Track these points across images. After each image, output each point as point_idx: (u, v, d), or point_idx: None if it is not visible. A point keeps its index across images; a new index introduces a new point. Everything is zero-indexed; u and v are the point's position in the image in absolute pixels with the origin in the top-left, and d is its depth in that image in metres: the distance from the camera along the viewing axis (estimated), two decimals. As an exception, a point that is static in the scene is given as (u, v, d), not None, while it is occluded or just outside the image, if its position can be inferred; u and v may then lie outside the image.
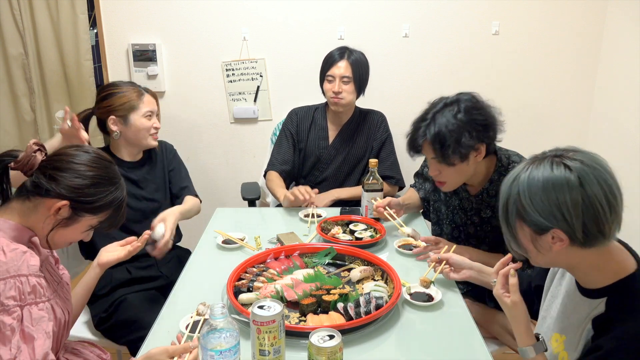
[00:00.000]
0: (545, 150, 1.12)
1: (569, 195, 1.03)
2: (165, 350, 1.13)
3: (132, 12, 2.88)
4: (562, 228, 1.04)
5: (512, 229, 1.13)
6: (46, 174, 1.20)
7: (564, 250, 1.08)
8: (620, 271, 1.10)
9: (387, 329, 1.36)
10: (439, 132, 1.61)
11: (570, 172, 1.03)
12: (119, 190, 1.28)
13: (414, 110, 2.98)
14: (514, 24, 2.86)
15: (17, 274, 1.08)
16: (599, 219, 1.03)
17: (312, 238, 1.92)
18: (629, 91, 2.62)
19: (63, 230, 1.23)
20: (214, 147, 3.10)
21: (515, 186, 1.09)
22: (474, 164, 1.68)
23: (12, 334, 1.04)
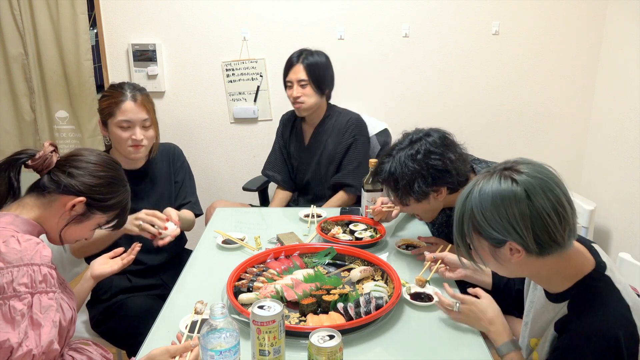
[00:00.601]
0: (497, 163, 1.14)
1: (516, 208, 1.04)
2: (167, 350, 1.13)
3: (132, 12, 2.88)
4: (516, 240, 1.07)
5: (467, 243, 1.15)
6: (65, 171, 1.27)
7: (523, 261, 1.10)
8: (578, 273, 1.12)
9: (387, 329, 1.36)
10: (393, 174, 1.59)
11: (517, 185, 1.05)
12: (127, 192, 1.38)
13: (413, 110, 3.02)
14: (514, 24, 2.86)
15: (30, 263, 1.13)
16: (549, 229, 1.05)
17: (312, 238, 1.92)
18: (629, 91, 2.62)
19: (75, 226, 1.30)
20: (214, 147, 3.10)
21: (469, 202, 1.11)
22: (438, 201, 1.63)
23: (22, 319, 1.09)
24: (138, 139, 1.80)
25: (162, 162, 1.99)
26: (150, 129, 1.84)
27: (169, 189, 1.99)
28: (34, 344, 1.09)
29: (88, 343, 1.42)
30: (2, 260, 1.11)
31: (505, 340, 1.24)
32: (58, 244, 1.32)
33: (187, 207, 2.03)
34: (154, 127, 1.86)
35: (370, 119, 2.86)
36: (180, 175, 2.04)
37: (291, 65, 2.37)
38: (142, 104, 1.81)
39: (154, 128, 1.86)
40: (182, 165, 2.05)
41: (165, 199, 1.97)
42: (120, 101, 1.78)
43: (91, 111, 3.02)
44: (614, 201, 2.70)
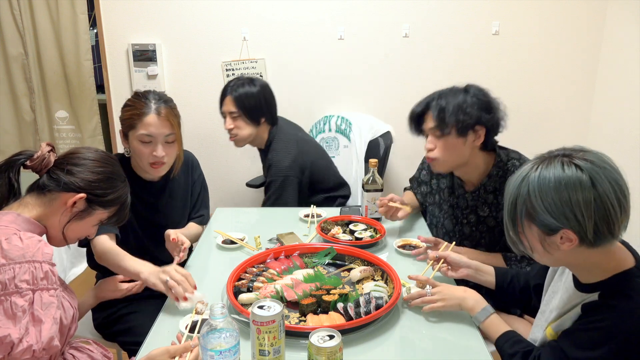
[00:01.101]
0: (552, 149, 1.12)
1: (581, 195, 1.03)
2: (167, 350, 1.13)
3: (132, 12, 2.88)
4: (573, 228, 1.05)
5: (519, 229, 1.13)
6: (63, 169, 1.28)
7: (572, 250, 1.09)
8: (617, 267, 1.12)
9: (387, 329, 1.36)
10: (442, 102, 1.66)
11: (582, 172, 1.04)
12: (126, 187, 1.38)
13: (414, 110, 3.01)
14: (514, 24, 2.86)
15: (32, 260, 1.14)
16: (610, 219, 1.04)
17: (312, 238, 1.92)
18: (629, 91, 2.62)
19: (77, 223, 1.30)
20: (214, 147, 3.10)
21: (525, 185, 1.09)
22: (470, 147, 1.67)
23: (23, 315, 1.10)
24: (159, 156, 1.67)
25: (179, 173, 1.87)
26: (174, 145, 1.71)
27: (184, 202, 1.93)
28: (34, 340, 1.10)
29: (89, 342, 1.42)
30: (4, 256, 1.12)
31: (481, 306, 1.30)
32: (61, 244, 1.33)
33: (198, 220, 1.98)
34: (177, 143, 1.72)
35: (375, 120, 2.87)
36: (197, 188, 1.97)
37: (224, 96, 2.27)
38: (167, 117, 1.67)
39: (178, 144, 1.73)
40: (199, 177, 1.99)
41: (181, 212, 1.92)
42: (143, 113, 1.65)
43: (91, 111, 3.03)
44: (614, 201, 2.70)
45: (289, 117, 3.02)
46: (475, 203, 1.78)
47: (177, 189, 1.90)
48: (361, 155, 2.75)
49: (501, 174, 1.71)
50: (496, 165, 1.73)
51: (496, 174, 1.72)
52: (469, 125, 1.63)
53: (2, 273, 1.11)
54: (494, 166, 1.73)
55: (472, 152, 1.69)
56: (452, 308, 1.39)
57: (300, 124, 3.00)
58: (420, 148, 2.98)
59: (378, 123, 2.85)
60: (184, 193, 1.93)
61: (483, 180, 1.75)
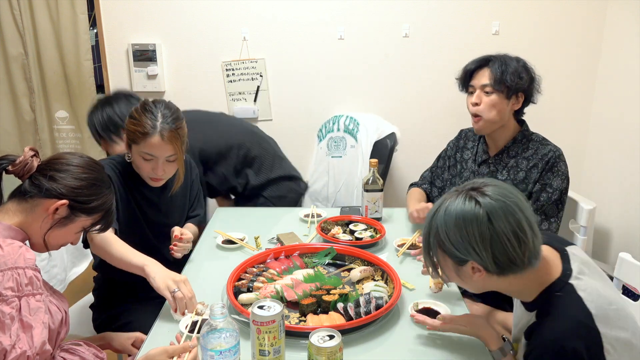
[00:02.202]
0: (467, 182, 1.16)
1: (477, 230, 1.06)
2: (165, 350, 1.13)
3: (132, 12, 2.88)
4: (476, 261, 1.09)
5: (433, 259, 1.17)
6: (46, 175, 1.25)
7: (485, 279, 1.12)
8: (544, 282, 1.13)
9: (387, 329, 1.36)
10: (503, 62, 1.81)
11: (479, 207, 1.07)
12: (111, 194, 1.36)
13: (413, 110, 3.02)
14: (514, 24, 2.86)
15: (15, 267, 1.13)
16: (508, 252, 1.07)
17: (312, 238, 1.92)
18: (629, 91, 2.62)
19: (59, 230, 1.27)
20: (214, 147, 3.09)
21: (435, 220, 1.13)
22: (510, 111, 1.84)
23: (12, 322, 1.09)
24: (158, 174, 1.69)
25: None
26: (174, 163, 1.71)
27: (183, 202, 1.96)
28: (27, 346, 1.09)
29: (79, 343, 1.41)
30: None
31: (495, 347, 1.24)
32: (42, 250, 1.31)
33: (195, 221, 1.99)
34: (179, 161, 1.72)
35: (382, 121, 2.87)
36: (195, 188, 2.00)
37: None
38: (170, 140, 1.64)
39: (179, 161, 1.72)
40: (197, 178, 2.02)
41: (180, 211, 1.94)
42: (147, 134, 1.63)
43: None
44: (614, 201, 2.70)
45: (288, 116, 3.04)
46: (496, 168, 1.90)
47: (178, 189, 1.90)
48: (367, 155, 2.75)
49: (525, 141, 1.87)
50: (522, 132, 1.88)
51: (520, 140, 1.88)
52: (519, 89, 1.80)
53: None
54: (520, 132, 1.88)
55: (509, 114, 1.84)
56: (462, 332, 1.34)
57: (303, 124, 3.02)
58: (423, 148, 2.99)
59: (384, 124, 2.84)
60: (183, 193, 1.94)
61: (508, 143, 1.88)
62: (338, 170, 2.84)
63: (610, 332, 1.05)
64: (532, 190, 1.81)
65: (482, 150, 1.96)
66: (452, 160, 2.07)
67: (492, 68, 1.81)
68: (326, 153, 2.89)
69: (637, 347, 1.09)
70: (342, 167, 2.83)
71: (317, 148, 2.96)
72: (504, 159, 1.89)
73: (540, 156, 1.82)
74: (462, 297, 1.55)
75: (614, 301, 1.11)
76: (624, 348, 1.06)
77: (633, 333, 1.09)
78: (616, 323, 1.07)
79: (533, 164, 1.82)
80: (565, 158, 1.83)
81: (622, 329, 1.07)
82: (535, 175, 1.81)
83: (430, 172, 2.17)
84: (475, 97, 1.85)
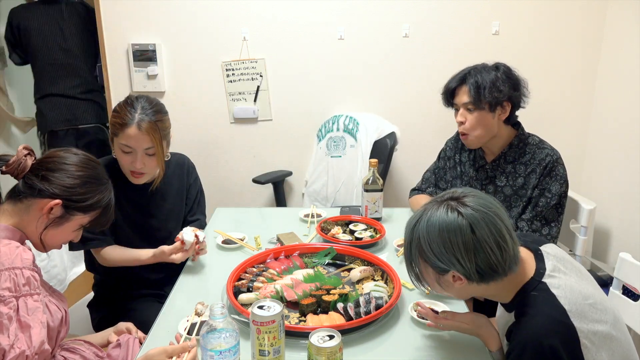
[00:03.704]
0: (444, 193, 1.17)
1: (461, 240, 1.08)
2: (164, 350, 1.13)
3: (132, 12, 2.88)
4: (459, 270, 1.10)
5: (415, 269, 1.19)
6: (38, 175, 1.24)
7: (466, 287, 1.14)
8: (519, 283, 1.16)
9: (387, 329, 1.36)
10: (478, 79, 1.79)
11: (462, 218, 1.09)
12: (107, 190, 1.34)
13: (413, 110, 3.01)
14: (514, 24, 2.86)
15: (12, 267, 1.13)
16: (491, 261, 1.09)
17: (312, 238, 1.92)
18: (629, 91, 2.62)
19: (55, 229, 1.27)
20: (214, 147, 3.10)
21: (417, 230, 1.14)
22: (498, 121, 1.81)
23: (10, 322, 1.09)
24: (137, 168, 1.67)
25: (173, 176, 1.87)
26: (154, 157, 1.68)
27: (179, 205, 1.90)
28: (25, 346, 1.09)
29: (80, 342, 1.41)
30: None
31: (495, 349, 1.25)
32: (42, 250, 1.30)
33: (196, 225, 1.88)
34: (158, 156, 1.69)
35: (382, 120, 2.87)
36: (193, 192, 1.94)
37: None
38: (147, 131, 1.63)
39: (159, 156, 1.69)
40: (195, 181, 1.96)
41: (175, 216, 1.89)
42: (125, 124, 1.62)
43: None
44: (614, 201, 2.70)
45: (288, 116, 3.04)
46: (494, 173, 1.89)
47: (170, 191, 1.87)
48: (366, 155, 2.75)
49: (521, 145, 1.86)
50: (517, 137, 1.86)
51: (517, 145, 1.86)
52: (500, 101, 1.78)
53: None
54: (515, 137, 1.86)
55: (498, 124, 1.82)
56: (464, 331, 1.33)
57: (303, 124, 3.03)
58: (423, 148, 2.99)
59: (384, 123, 2.84)
60: (177, 196, 1.89)
61: (504, 150, 1.87)
62: (337, 170, 2.84)
63: (586, 326, 1.07)
64: (532, 196, 1.80)
65: (479, 156, 1.94)
66: (452, 161, 2.06)
67: (469, 86, 1.79)
68: (326, 153, 2.89)
69: (617, 339, 1.11)
70: (341, 167, 2.83)
71: (317, 148, 2.97)
72: (502, 165, 1.87)
73: (538, 161, 1.80)
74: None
75: (590, 295, 1.12)
76: (602, 341, 1.08)
77: (612, 325, 1.11)
78: (592, 317, 1.09)
79: (531, 169, 1.81)
80: (563, 161, 1.82)
81: (599, 322, 1.09)
82: (533, 180, 1.79)
83: (433, 173, 2.14)
84: (460, 116, 1.84)
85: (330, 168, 2.86)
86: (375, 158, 2.32)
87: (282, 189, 2.93)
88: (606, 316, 1.11)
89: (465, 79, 1.82)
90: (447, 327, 1.31)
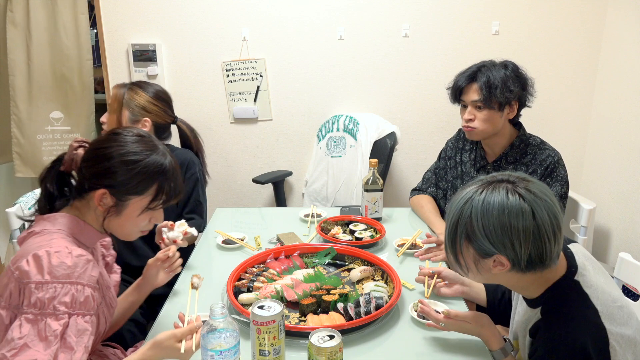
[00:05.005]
0: (496, 174, 1.14)
1: (522, 224, 1.05)
2: (173, 335, 1.12)
3: (132, 12, 2.88)
4: (508, 255, 1.07)
5: (456, 248, 1.15)
6: (81, 168, 1.20)
7: (503, 273, 1.12)
8: (551, 279, 1.14)
9: (387, 329, 1.36)
10: (489, 77, 1.79)
11: (524, 202, 1.06)
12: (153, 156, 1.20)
13: (413, 110, 3.01)
14: (514, 24, 2.86)
15: (76, 282, 1.09)
16: (544, 250, 1.06)
17: (312, 238, 1.92)
18: (629, 91, 2.62)
19: (117, 218, 1.21)
20: (214, 147, 3.09)
21: (468, 208, 1.10)
22: (504, 120, 1.83)
23: (54, 340, 1.05)
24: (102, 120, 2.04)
25: None
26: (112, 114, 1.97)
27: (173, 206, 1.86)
28: None
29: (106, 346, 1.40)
30: (50, 272, 1.06)
31: (496, 347, 1.24)
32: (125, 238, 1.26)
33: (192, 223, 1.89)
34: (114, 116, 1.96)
35: (382, 120, 2.87)
36: (186, 187, 1.92)
37: None
38: (113, 91, 1.99)
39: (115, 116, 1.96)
40: (191, 177, 1.97)
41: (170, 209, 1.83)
42: None
43: (89, 110, 3.02)
44: (614, 201, 2.70)
45: (288, 116, 3.04)
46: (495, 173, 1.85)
47: None
48: (366, 155, 2.75)
49: (522, 146, 1.87)
50: (519, 137, 1.88)
51: (518, 145, 1.87)
52: (510, 101, 1.79)
53: (43, 291, 1.06)
54: (517, 137, 1.87)
55: (504, 123, 1.84)
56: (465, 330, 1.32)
57: (303, 124, 3.03)
58: (423, 148, 2.99)
59: (384, 123, 2.84)
60: None
61: (505, 150, 1.88)
62: (337, 170, 2.85)
63: (615, 329, 1.06)
64: None
65: (480, 156, 1.95)
66: (453, 161, 2.07)
67: (480, 85, 1.79)
68: (326, 153, 2.89)
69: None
70: (341, 167, 2.84)
71: (317, 148, 2.97)
72: (503, 165, 1.88)
73: (539, 162, 1.81)
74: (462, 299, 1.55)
75: (618, 298, 1.12)
76: (628, 345, 1.07)
77: (637, 330, 1.10)
78: (620, 320, 1.08)
79: (532, 170, 1.82)
80: (563, 162, 1.83)
81: (626, 326, 1.08)
82: None
83: (434, 173, 2.14)
84: (468, 114, 1.85)
85: (330, 168, 2.86)
86: (375, 158, 2.33)
87: (282, 189, 2.93)
88: (631, 321, 1.11)
89: (476, 77, 1.81)
90: (448, 326, 1.30)
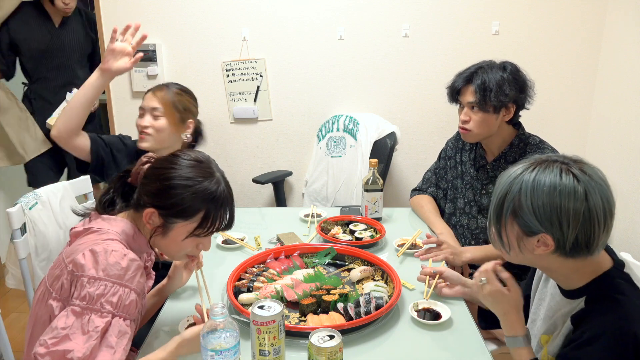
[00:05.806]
0: (551, 155, 1.13)
1: (572, 205, 1.04)
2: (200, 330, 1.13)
3: (132, 12, 2.88)
4: (554, 235, 1.06)
5: (502, 224, 1.14)
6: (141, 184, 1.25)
7: (546, 255, 1.10)
8: (596, 270, 1.13)
9: (387, 329, 1.36)
10: (485, 80, 1.78)
11: (578, 183, 1.04)
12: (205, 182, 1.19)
13: (413, 110, 3.01)
14: (514, 24, 2.86)
15: (126, 284, 1.12)
16: (593, 234, 1.05)
17: (312, 238, 1.92)
18: (629, 91, 2.62)
19: (163, 239, 1.23)
20: (214, 147, 3.09)
21: (518, 183, 1.09)
22: (500, 122, 1.83)
23: (95, 335, 1.07)
24: (142, 125, 1.87)
25: None
26: (161, 119, 1.88)
27: None
28: None
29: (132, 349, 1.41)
30: (104, 270, 1.09)
31: (517, 334, 1.20)
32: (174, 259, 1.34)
33: None
34: (167, 119, 1.89)
35: (382, 120, 2.87)
36: None
37: None
38: (157, 94, 1.90)
39: (168, 120, 1.89)
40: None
41: None
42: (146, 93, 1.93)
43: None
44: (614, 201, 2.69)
45: (288, 116, 3.04)
46: (494, 173, 1.90)
47: None
48: (366, 155, 2.75)
49: (522, 145, 1.87)
50: (518, 137, 1.88)
51: (517, 144, 1.87)
52: (505, 104, 1.79)
53: (94, 286, 1.08)
54: (516, 137, 1.88)
55: (501, 124, 1.84)
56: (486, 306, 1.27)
57: (303, 124, 3.03)
58: (423, 148, 2.99)
59: (384, 123, 2.84)
60: None
61: (504, 149, 1.88)
62: (337, 170, 2.85)
63: None
64: None
65: (480, 156, 1.96)
66: (453, 161, 2.07)
67: (475, 87, 1.79)
68: (325, 153, 2.89)
69: None
70: (341, 167, 2.84)
71: (317, 148, 2.97)
72: (502, 165, 1.88)
73: None
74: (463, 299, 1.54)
75: None
76: None
77: None
78: None
79: None
80: None
81: None
82: None
83: (434, 173, 2.15)
84: (464, 115, 1.86)
85: (330, 168, 2.87)
86: (375, 158, 2.33)
87: (282, 189, 2.93)
88: None
89: (472, 78, 1.81)
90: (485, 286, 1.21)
